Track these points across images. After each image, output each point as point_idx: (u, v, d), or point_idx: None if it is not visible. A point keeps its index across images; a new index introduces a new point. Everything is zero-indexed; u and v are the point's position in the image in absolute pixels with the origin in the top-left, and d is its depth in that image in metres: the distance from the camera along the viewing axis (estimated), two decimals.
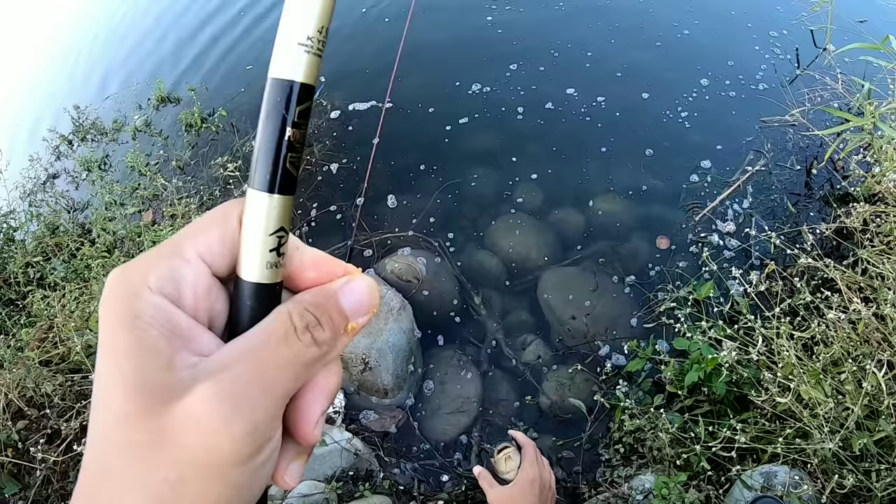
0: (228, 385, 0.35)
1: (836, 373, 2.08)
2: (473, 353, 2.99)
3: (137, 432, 0.34)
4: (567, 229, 3.29)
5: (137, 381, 0.35)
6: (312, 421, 0.41)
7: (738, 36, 4.03)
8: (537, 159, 3.53)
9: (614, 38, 4.08)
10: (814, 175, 3.27)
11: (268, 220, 0.39)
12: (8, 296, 3.37)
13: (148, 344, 0.35)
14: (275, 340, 0.38)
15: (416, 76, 4.05)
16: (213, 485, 0.36)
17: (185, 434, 0.34)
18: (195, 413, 0.34)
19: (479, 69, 4.01)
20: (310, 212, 3.55)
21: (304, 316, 0.39)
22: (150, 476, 0.34)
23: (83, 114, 4.91)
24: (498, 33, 4.23)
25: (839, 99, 3.45)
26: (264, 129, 0.39)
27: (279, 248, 0.39)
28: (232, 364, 0.36)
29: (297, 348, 0.38)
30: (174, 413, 0.34)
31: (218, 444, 0.35)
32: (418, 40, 4.23)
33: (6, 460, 2.41)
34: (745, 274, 2.47)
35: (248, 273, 0.39)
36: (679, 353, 2.55)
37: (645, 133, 3.54)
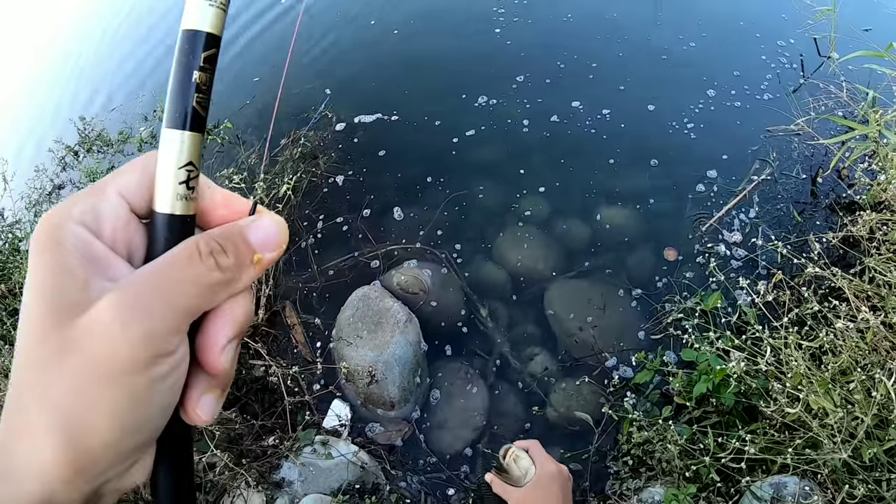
0: (130, 296, 0.38)
1: (845, 382, 2.06)
2: (480, 365, 2.99)
3: (48, 344, 0.37)
4: (574, 241, 3.29)
5: (52, 299, 0.38)
6: (218, 346, 0.43)
7: (744, 46, 4.04)
8: (543, 172, 3.54)
9: (622, 50, 4.10)
10: (819, 184, 3.26)
11: (179, 154, 0.42)
12: (13, 306, 3.36)
13: (66, 266, 0.39)
14: (179, 261, 0.40)
15: (422, 88, 4.10)
16: (111, 391, 0.37)
17: (88, 342, 0.37)
18: (97, 320, 0.37)
19: (485, 81, 4.04)
20: (316, 223, 3.57)
21: (210, 243, 0.42)
22: (57, 385, 0.37)
23: (89, 125, 4.97)
24: (506, 45, 4.27)
25: (844, 107, 3.45)
26: (175, 73, 0.43)
27: (188, 182, 0.43)
28: (137, 280, 0.39)
29: (200, 269, 0.41)
30: (80, 324, 0.37)
31: (115, 349, 0.37)
32: (425, 52, 4.30)
33: None
34: (752, 284, 2.46)
35: (161, 205, 0.43)
36: (687, 364, 2.55)
37: (650, 144, 3.55)
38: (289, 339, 3.20)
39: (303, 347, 3.15)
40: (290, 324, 3.23)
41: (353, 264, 3.34)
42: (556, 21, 4.39)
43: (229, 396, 2.89)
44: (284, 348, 3.19)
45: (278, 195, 3.57)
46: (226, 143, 4.27)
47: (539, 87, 3.95)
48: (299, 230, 3.53)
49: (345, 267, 3.35)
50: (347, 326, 3.01)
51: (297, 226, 3.54)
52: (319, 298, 3.29)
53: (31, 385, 0.38)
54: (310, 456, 2.62)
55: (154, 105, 4.88)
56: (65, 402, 0.37)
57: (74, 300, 0.38)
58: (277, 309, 3.29)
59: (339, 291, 3.25)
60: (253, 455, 2.63)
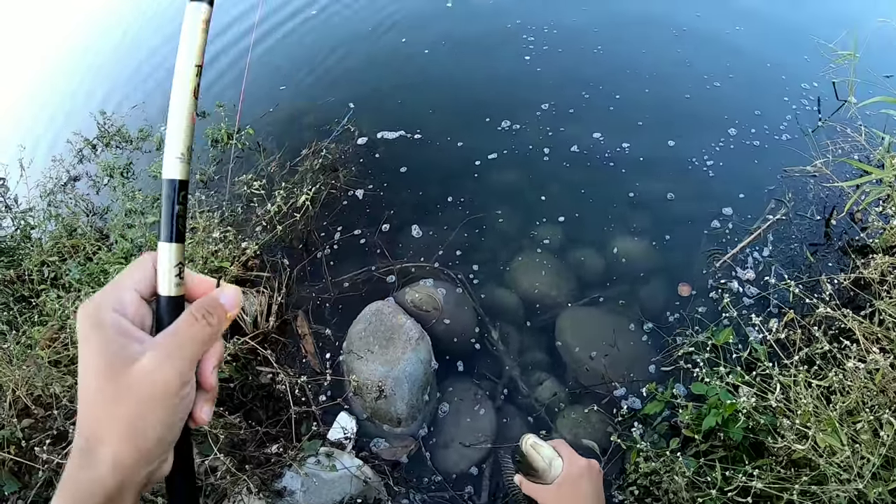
0: (163, 351, 0.61)
1: (853, 422, 2.07)
2: (489, 387, 2.99)
3: (110, 385, 0.59)
4: (588, 271, 3.31)
5: (105, 359, 0.60)
6: (209, 371, 0.68)
7: (768, 87, 4.09)
8: (563, 200, 3.58)
9: (648, 87, 4.16)
10: (833, 225, 3.29)
11: (171, 258, 0.64)
12: (21, 292, 3.38)
13: (110, 338, 0.60)
14: (186, 325, 0.64)
15: (447, 108, 4.16)
16: (159, 408, 0.61)
17: (142, 381, 0.59)
18: (145, 368, 0.60)
19: (510, 106, 4.10)
20: (333, 235, 3.60)
21: (200, 310, 0.65)
22: (123, 408, 0.59)
23: (109, 120, 5.01)
24: (534, 72, 4.35)
25: (860, 151, 3.50)
26: (164, 207, 0.64)
27: (179, 274, 0.65)
28: (165, 341, 0.62)
29: (199, 328, 0.64)
30: (133, 372, 0.59)
31: (160, 383, 0.60)
32: (452, 73, 4.37)
33: (7, 457, 2.39)
34: (763, 321, 2.48)
35: (163, 290, 0.65)
36: (696, 397, 2.55)
37: (669, 179, 3.59)
38: (298, 348, 3.21)
39: (312, 358, 3.16)
40: (301, 333, 3.24)
41: (367, 278, 3.36)
42: (586, 52, 4.47)
43: (235, 401, 2.91)
44: (293, 357, 3.19)
45: (296, 205, 3.60)
46: (245, 149, 4.31)
47: (562, 116, 4.00)
48: (315, 241, 3.56)
49: (359, 280, 3.37)
50: (359, 340, 3.02)
51: (314, 237, 3.57)
52: (332, 310, 3.31)
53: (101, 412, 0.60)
54: (313, 467, 2.62)
55: None
56: (129, 418, 0.59)
57: (122, 358, 0.60)
58: (289, 318, 3.31)
59: (352, 304, 3.27)
60: (256, 462, 2.63)
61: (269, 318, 3.23)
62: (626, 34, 4.61)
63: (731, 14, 4.67)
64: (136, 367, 0.59)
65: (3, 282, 3.38)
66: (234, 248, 3.36)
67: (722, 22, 4.62)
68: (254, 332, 3.14)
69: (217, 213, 3.71)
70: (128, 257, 3.38)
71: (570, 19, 4.77)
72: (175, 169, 0.64)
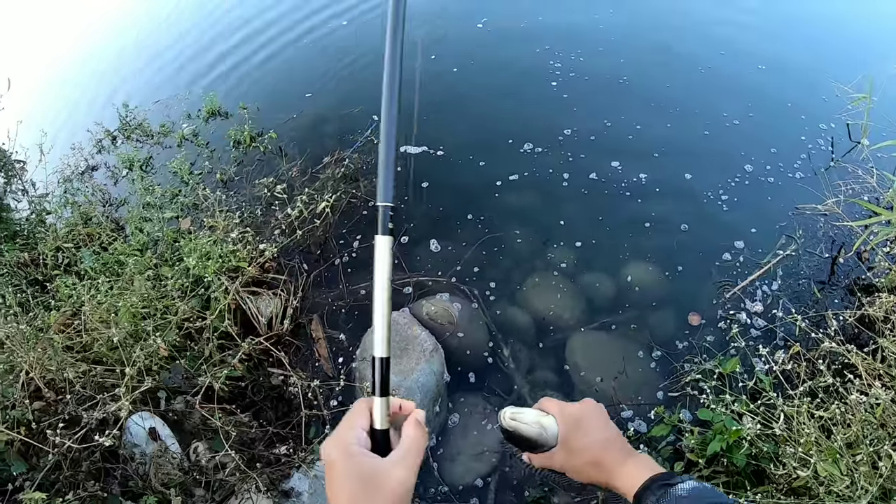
0: (405, 462, 0.83)
1: (853, 454, 2.13)
2: (498, 403, 3.04)
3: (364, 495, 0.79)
4: (601, 296, 3.37)
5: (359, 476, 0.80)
6: None
7: (786, 126, 4.17)
8: (578, 225, 3.65)
9: (670, 121, 4.23)
10: (841, 264, 3.36)
11: (383, 406, 0.87)
12: (34, 276, 3.42)
13: (361, 461, 0.81)
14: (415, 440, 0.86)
15: (471, 128, 4.24)
16: (405, 495, 0.81)
17: (395, 487, 0.80)
18: (395, 477, 0.81)
19: (533, 129, 4.18)
20: (352, 243, 3.68)
21: (419, 426, 0.88)
22: None
23: (131, 112, 5.10)
24: (562, 98, 4.43)
25: (871, 192, 3.57)
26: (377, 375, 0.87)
27: (389, 415, 0.88)
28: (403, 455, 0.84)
29: (422, 435, 0.88)
30: (385, 483, 0.80)
31: (408, 482, 0.81)
32: (479, 94, 4.44)
33: (17, 438, 2.39)
34: (770, 353, 2.54)
35: (378, 425, 0.87)
36: (701, 423, 2.60)
37: (683, 211, 3.66)
38: (311, 351, 3.27)
39: (325, 362, 3.21)
40: (315, 337, 3.29)
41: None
42: (612, 81, 4.55)
43: (246, 401, 2.95)
44: (306, 360, 3.25)
45: (315, 211, 3.66)
46: (267, 153, 4.38)
47: (583, 143, 4.08)
48: (333, 248, 3.62)
49: (370, 290, 3.42)
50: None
51: (332, 244, 3.64)
52: (347, 316, 3.37)
53: None
54: (322, 470, 2.65)
55: (199, 104, 5.00)
56: None
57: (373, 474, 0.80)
58: (303, 321, 3.36)
59: (367, 312, 3.33)
60: (265, 461, 2.67)
61: (283, 320, 3.28)
62: (652, 67, 4.70)
63: (755, 54, 4.76)
64: (386, 478, 0.81)
65: (17, 264, 3.43)
66: (253, 250, 3.42)
67: (745, 62, 4.71)
68: (268, 333, 3.20)
69: (237, 213, 3.76)
70: (142, 250, 3.43)
71: (597, 48, 4.89)
72: (381, 349, 0.88)
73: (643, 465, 1.06)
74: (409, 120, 4.14)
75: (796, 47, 4.92)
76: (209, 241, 3.29)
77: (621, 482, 1.06)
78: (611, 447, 1.12)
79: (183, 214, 3.99)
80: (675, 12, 5.30)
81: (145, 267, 3.21)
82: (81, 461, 2.42)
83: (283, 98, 4.90)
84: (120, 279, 3.14)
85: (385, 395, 0.88)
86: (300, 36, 5.56)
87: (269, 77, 5.26)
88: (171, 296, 3.06)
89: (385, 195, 0.92)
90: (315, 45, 5.43)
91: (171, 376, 2.87)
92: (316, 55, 5.32)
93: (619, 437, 1.16)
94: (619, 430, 1.17)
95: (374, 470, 0.82)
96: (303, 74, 5.12)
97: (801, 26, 5.21)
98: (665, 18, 5.24)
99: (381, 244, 0.90)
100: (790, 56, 4.78)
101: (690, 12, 5.31)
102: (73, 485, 2.36)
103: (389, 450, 0.86)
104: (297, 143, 4.42)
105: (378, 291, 0.89)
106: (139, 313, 2.95)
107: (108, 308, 2.93)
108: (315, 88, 4.91)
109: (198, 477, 2.56)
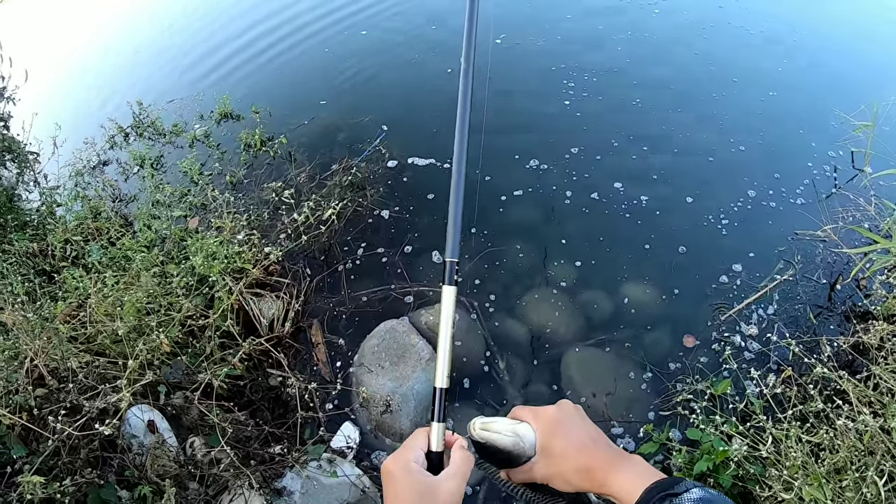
0: (455, 478, 0.93)
1: (839, 479, 2.15)
2: (491, 413, 3.03)
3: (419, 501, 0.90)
4: (598, 314, 3.41)
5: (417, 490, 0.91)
6: None
7: (791, 152, 4.21)
8: (578, 244, 3.69)
9: (676, 146, 4.28)
10: (837, 290, 3.38)
11: (440, 431, 0.98)
12: (42, 266, 3.48)
13: (419, 478, 0.92)
14: (462, 461, 0.96)
15: (479, 142, 4.24)
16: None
17: (448, 498, 0.91)
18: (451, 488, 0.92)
19: (540, 147, 4.24)
20: (356, 251, 3.73)
21: (465, 450, 0.99)
22: None
23: (145, 110, 5.17)
24: (576, 116, 4.49)
25: (870, 220, 3.60)
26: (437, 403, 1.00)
27: (444, 440, 0.99)
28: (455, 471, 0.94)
29: (467, 459, 0.97)
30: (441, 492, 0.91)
31: (459, 493, 0.92)
32: (489, 109, 4.45)
33: (18, 422, 2.43)
34: (762, 376, 2.57)
35: (435, 447, 0.97)
36: (690, 443, 2.63)
37: (682, 233, 3.70)
38: (310, 355, 3.31)
39: (323, 366, 3.26)
40: (315, 342, 3.34)
41: (385, 296, 3.47)
42: (625, 103, 4.61)
43: (244, 399, 3.00)
44: (304, 363, 3.30)
45: (322, 217, 3.71)
46: (277, 157, 4.44)
47: (589, 162, 4.13)
48: (337, 255, 3.68)
49: (376, 297, 3.49)
50: (371, 354, 3.13)
51: (336, 250, 3.69)
52: (347, 322, 3.42)
53: None
54: (314, 471, 2.69)
55: (212, 105, 5.07)
56: None
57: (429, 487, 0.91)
58: (304, 325, 3.41)
59: (367, 319, 3.39)
60: (259, 459, 2.70)
61: (285, 323, 3.33)
62: (664, 91, 4.75)
63: (767, 80, 4.82)
64: (443, 488, 0.92)
65: (26, 254, 3.48)
66: (258, 252, 3.47)
67: (756, 89, 4.76)
68: (269, 334, 3.25)
69: (244, 215, 3.82)
70: (150, 247, 3.48)
71: (612, 68, 4.95)
72: (442, 381, 1.02)
73: (639, 469, 0.95)
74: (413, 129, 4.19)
75: (812, 74, 4.97)
76: (216, 242, 3.34)
77: (616, 489, 0.94)
78: (596, 447, 1.02)
79: (191, 214, 4.05)
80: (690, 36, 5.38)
81: (152, 263, 3.27)
82: (80, 448, 2.46)
83: (295, 103, 4.98)
84: (126, 274, 3.20)
85: (442, 421, 1.00)
86: (316, 42, 5.64)
87: (282, 81, 5.33)
88: (175, 293, 3.11)
89: (452, 252, 1.08)
90: (332, 51, 5.52)
91: (171, 371, 2.92)
92: (331, 62, 5.39)
93: (603, 436, 1.05)
94: (599, 430, 1.06)
95: (429, 484, 0.93)
96: (316, 81, 5.21)
97: (818, 52, 5.26)
98: (674, 46, 5.30)
99: (447, 293, 1.06)
100: (804, 81, 4.84)
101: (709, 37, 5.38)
102: (71, 471, 2.39)
103: (441, 469, 0.96)
104: (307, 148, 4.48)
105: (443, 332, 1.04)
106: (144, 308, 3.01)
107: (114, 302, 2.99)
108: (329, 95, 4.98)
109: (192, 470, 2.60)
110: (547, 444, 1.03)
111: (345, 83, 5.08)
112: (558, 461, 1.01)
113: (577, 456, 1.00)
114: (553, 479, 1.03)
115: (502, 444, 1.05)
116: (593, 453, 1.00)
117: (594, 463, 0.98)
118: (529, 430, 1.06)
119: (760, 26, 5.46)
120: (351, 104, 4.84)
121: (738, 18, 5.58)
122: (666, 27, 5.51)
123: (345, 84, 5.08)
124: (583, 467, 0.99)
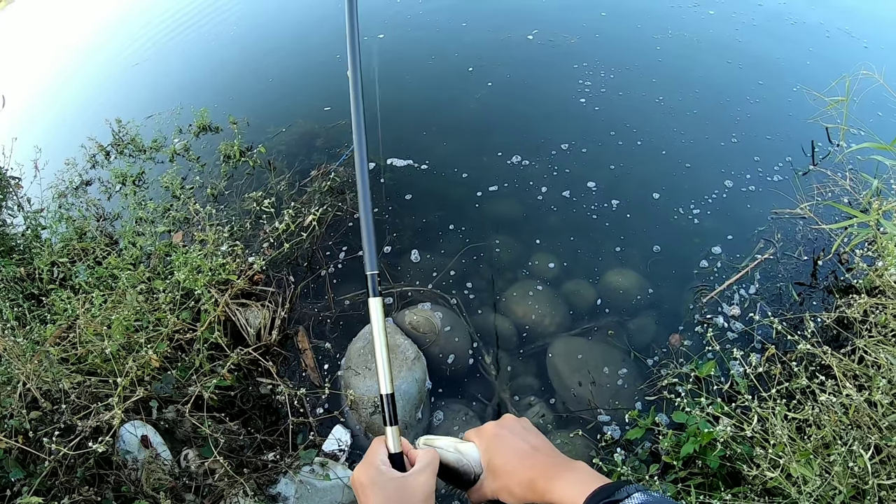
0: (424, 472, 1.01)
1: (826, 454, 2.17)
2: (479, 408, 3.09)
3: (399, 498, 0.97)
4: (579, 301, 3.42)
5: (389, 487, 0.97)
6: None
7: (769, 133, 4.20)
8: (558, 236, 3.70)
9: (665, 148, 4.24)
10: (819, 266, 3.39)
11: (395, 434, 1.06)
12: (30, 290, 3.50)
13: (388, 476, 0.99)
14: (428, 456, 1.04)
15: (457, 140, 4.32)
16: (425, 497, 0.97)
17: (418, 490, 0.97)
18: (420, 479, 0.99)
19: (524, 143, 4.26)
20: (338, 255, 3.74)
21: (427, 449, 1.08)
22: None
23: (124, 128, 5.19)
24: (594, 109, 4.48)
25: (848, 195, 3.61)
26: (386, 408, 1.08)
27: (399, 440, 1.06)
28: (422, 466, 1.02)
29: (432, 454, 1.05)
30: (413, 487, 0.97)
31: (430, 485, 0.99)
32: (484, 105, 4.47)
33: (15, 446, 2.46)
34: (746, 356, 2.58)
35: (394, 449, 1.05)
36: (677, 426, 2.65)
37: (661, 221, 3.71)
38: (299, 361, 3.33)
39: (312, 372, 3.28)
40: (302, 348, 3.36)
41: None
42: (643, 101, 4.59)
43: (235, 409, 3.02)
44: (293, 370, 3.31)
45: (303, 224, 3.73)
46: (257, 167, 4.46)
47: (564, 158, 4.14)
48: (320, 260, 3.69)
49: (360, 300, 3.50)
50: (357, 357, 3.14)
51: (319, 256, 3.70)
52: (333, 326, 3.44)
53: None
54: (307, 475, 2.71)
55: (190, 119, 5.09)
56: None
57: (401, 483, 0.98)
58: (290, 332, 3.43)
59: (352, 322, 3.41)
60: (253, 466, 2.73)
61: (271, 331, 3.35)
62: (636, 82, 4.76)
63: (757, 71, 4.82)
64: (416, 482, 0.98)
65: (13, 279, 3.50)
66: (242, 262, 3.49)
67: (725, 69, 4.80)
68: (256, 343, 3.26)
69: (227, 226, 3.82)
70: (135, 264, 3.50)
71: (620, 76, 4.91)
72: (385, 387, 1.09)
73: (580, 476, 0.93)
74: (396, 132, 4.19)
75: (797, 53, 4.98)
76: (200, 255, 3.35)
77: (557, 497, 0.93)
78: (537, 456, 1.03)
79: (175, 228, 4.06)
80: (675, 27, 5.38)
81: (138, 280, 3.28)
82: (76, 467, 2.50)
83: (272, 111, 5.00)
84: (113, 293, 3.21)
85: (395, 424, 1.07)
86: (304, 49, 5.66)
87: (258, 90, 5.35)
88: (162, 308, 3.12)
89: (371, 265, 1.18)
90: (311, 56, 5.54)
91: (162, 386, 2.93)
92: (307, 69, 5.40)
93: (546, 444, 1.07)
94: (544, 438, 1.09)
95: (401, 479, 0.99)
96: (292, 88, 5.22)
97: (802, 34, 5.26)
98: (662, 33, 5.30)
99: (374, 304, 1.13)
100: (785, 64, 4.85)
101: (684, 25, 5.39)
102: (69, 490, 2.43)
103: (405, 469, 1.04)
104: (286, 156, 4.50)
105: (377, 342, 1.11)
106: (132, 326, 3.02)
107: (102, 321, 3.00)
108: (303, 101, 5.01)
109: (188, 482, 2.62)
110: (490, 460, 1.05)
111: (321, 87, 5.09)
112: (501, 475, 1.02)
113: (519, 467, 1.01)
114: (500, 494, 1.03)
115: (445, 459, 1.08)
116: (534, 463, 1.01)
117: (534, 473, 0.98)
118: (473, 448, 1.09)
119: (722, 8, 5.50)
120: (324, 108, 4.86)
121: None
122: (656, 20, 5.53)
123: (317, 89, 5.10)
124: (524, 479, 0.99)
